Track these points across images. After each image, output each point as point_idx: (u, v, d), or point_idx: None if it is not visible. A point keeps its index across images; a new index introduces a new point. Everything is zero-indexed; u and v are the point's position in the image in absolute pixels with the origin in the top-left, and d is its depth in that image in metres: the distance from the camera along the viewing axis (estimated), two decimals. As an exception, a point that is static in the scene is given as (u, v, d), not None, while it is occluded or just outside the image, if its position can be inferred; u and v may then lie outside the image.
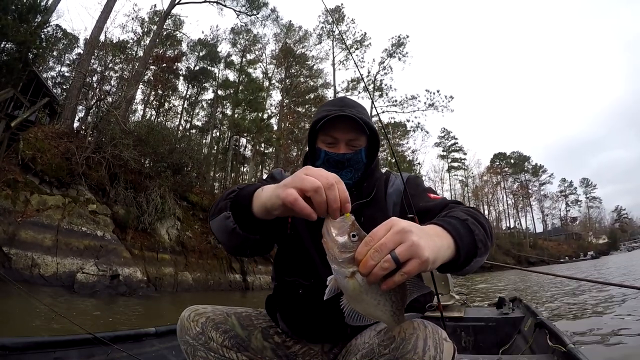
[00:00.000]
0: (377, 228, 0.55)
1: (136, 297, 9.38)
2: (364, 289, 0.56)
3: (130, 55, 23.34)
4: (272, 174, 1.15)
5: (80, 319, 5.45)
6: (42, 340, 1.58)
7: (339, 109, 0.99)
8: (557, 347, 1.80)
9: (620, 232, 69.38)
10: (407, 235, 0.52)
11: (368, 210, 1.01)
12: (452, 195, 51.96)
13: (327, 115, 0.98)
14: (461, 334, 2.74)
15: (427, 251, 0.53)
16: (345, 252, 0.57)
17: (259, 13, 23.27)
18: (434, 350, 0.71)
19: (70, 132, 13.07)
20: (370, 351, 0.77)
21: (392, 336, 0.74)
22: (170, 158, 14.12)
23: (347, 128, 0.99)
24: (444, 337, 0.74)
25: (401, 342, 0.72)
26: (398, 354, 0.72)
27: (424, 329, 0.73)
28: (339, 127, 0.99)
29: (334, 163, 1.00)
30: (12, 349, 1.46)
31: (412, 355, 0.70)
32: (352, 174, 1.03)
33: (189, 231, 14.62)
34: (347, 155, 1.00)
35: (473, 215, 0.74)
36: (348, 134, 1.00)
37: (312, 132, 1.05)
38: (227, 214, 0.78)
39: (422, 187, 1.04)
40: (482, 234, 0.70)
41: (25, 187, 9.91)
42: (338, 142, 1.01)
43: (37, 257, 8.84)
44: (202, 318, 0.98)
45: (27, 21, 13.86)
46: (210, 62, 29.66)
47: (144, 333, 1.98)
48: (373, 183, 1.07)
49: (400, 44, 30.72)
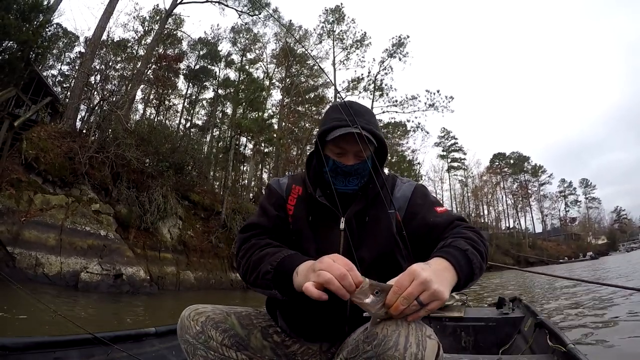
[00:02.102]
0: (401, 278, 0.70)
1: (140, 296, 9.44)
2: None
3: (131, 54, 23.36)
4: (269, 188, 1.17)
5: (85, 318, 5.53)
6: (42, 340, 1.58)
7: (349, 120, 1.01)
8: (557, 347, 1.80)
9: (620, 233, 69.27)
10: (429, 284, 0.68)
11: (372, 211, 1.05)
12: (452, 195, 52.13)
13: (338, 126, 1.00)
14: (461, 334, 2.73)
15: (445, 292, 0.69)
16: (375, 305, 0.71)
17: (261, 13, 23.25)
18: (415, 347, 0.71)
19: (73, 131, 13.10)
20: (355, 348, 0.79)
21: (375, 333, 0.75)
22: (172, 157, 14.17)
23: (355, 141, 1.01)
24: (428, 334, 0.75)
25: (383, 339, 0.73)
26: (380, 350, 0.73)
27: (407, 326, 0.74)
28: (349, 139, 1.01)
29: (342, 172, 1.04)
30: (12, 349, 1.46)
31: (394, 352, 0.71)
32: (358, 180, 1.06)
33: (191, 230, 14.69)
34: (355, 167, 1.04)
35: (472, 243, 0.85)
36: (356, 146, 1.02)
37: (320, 140, 1.07)
38: (273, 292, 0.89)
39: (429, 199, 1.08)
40: (479, 261, 0.82)
41: (29, 186, 9.95)
42: (347, 152, 1.04)
43: (41, 257, 8.90)
44: (202, 317, 1.00)
45: (29, 20, 13.89)
46: (211, 61, 29.66)
47: (144, 333, 1.99)
48: (380, 185, 1.10)
49: (401, 44, 30.77)
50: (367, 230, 1.03)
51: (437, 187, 50.99)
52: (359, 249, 0.99)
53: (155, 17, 24.60)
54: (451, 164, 51.51)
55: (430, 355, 0.72)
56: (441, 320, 2.83)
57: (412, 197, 1.08)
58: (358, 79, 31.84)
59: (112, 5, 16.25)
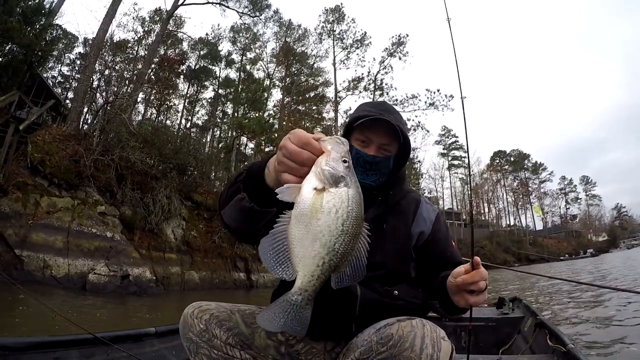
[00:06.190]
0: (482, 271, 0.82)
1: (146, 296, 9.57)
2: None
3: (131, 54, 23.41)
4: None
5: (94, 319, 5.63)
6: (42, 340, 1.58)
7: (379, 112, 1.01)
8: (557, 347, 1.81)
9: (620, 230, 69.21)
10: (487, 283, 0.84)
11: (392, 220, 1.05)
12: (452, 193, 52.21)
13: (367, 116, 0.99)
14: (461, 334, 2.73)
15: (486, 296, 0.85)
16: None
17: (262, 15, 23.28)
18: (431, 349, 0.72)
19: (78, 134, 13.21)
20: (369, 349, 0.78)
21: (390, 334, 0.75)
22: (176, 159, 14.28)
23: (382, 132, 1.01)
24: (442, 336, 0.76)
25: (399, 340, 0.73)
26: (395, 351, 0.73)
27: (422, 328, 0.75)
28: (375, 129, 1.01)
29: (363, 163, 1.02)
30: (12, 349, 1.46)
31: (410, 353, 0.71)
32: (377, 177, 1.04)
33: (194, 231, 14.81)
34: (377, 159, 1.02)
35: None
36: (382, 138, 1.02)
37: (347, 128, 1.06)
38: (241, 196, 0.81)
39: (448, 230, 1.15)
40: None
41: (35, 189, 10.07)
42: (371, 143, 1.03)
43: (49, 259, 9.03)
44: (205, 315, 0.99)
45: (32, 23, 13.94)
46: (211, 60, 29.68)
47: (144, 333, 1.98)
48: (401, 195, 1.10)
49: (401, 43, 30.78)
50: (384, 237, 1.02)
51: (437, 185, 51.13)
52: (373, 253, 1.04)
53: (155, 18, 24.65)
54: (452, 162, 51.53)
55: (444, 357, 0.73)
56: (441, 320, 2.83)
57: (436, 222, 1.10)
58: (358, 79, 31.89)
59: (114, 8, 16.32)
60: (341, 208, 0.61)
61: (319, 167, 0.63)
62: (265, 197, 0.78)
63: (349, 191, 0.62)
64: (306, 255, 0.61)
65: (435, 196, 49.55)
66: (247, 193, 0.80)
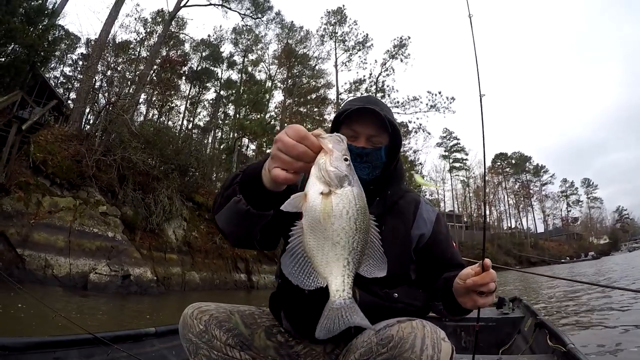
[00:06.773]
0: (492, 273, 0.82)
1: (147, 296, 9.58)
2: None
3: (133, 55, 23.51)
4: None
5: (94, 319, 5.65)
6: (42, 340, 1.58)
7: (364, 104, 0.99)
8: (557, 347, 1.81)
9: (622, 233, 69.02)
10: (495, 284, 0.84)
11: (391, 221, 1.02)
12: (454, 195, 52.16)
13: (351, 108, 0.98)
14: (461, 334, 2.74)
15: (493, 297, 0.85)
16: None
17: (264, 16, 23.38)
18: (431, 350, 0.72)
19: (80, 134, 13.27)
20: (369, 350, 0.78)
21: (391, 335, 0.75)
22: (178, 160, 14.33)
23: (368, 122, 0.99)
24: (443, 337, 0.76)
25: (399, 341, 0.73)
26: (396, 352, 0.73)
27: (422, 329, 0.75)
28: (361, 121, 0.99)
29: (353, 156, 0.96)
30: (12, 349, 1.46)
31: (410, 354, 0.71)
32: (369, 170, 1.01)
33: (195, 231, 14.83)
34: (367, 150, 0.99)
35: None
36: (369, 129, 1.00)
37: (335, 124, 1.05)
38: (237, 198, 0.79)
39: (448, 231, 1.13)
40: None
41: (37, 189, 10.11)
42: (359, 135, 1.01)
43: (51, 258, 9.05)
44: (205, 315, 0.98)
45: (35, 24, 14.04)
46: (213, 62, 29.79)
47: (144, 333, 1.98)
48: (399, 194, 1.08)
49: (402, 45, 30.87)
50: (383, 240, 1.02)
51: (439, 187, 51.07)
52: None
53: (157, 19, 24.77)
54: (453, 165, 51.53)
55: (445, 358, 0.73)
56: (441, 320, 2.81)
57: (436, 223, 1.08)
58: (360, 81, 31.97)
59: (116, 9, 16.41)
60: (351, 208, 0.62)
61: (324, 169, 0.62)
62: (262, 199, 0.77)
63: (353, 190, 0.63)
64: (330, 260, 0.62)
65: (437, 198, 49.50)
66: (243, 195, 0.79)
